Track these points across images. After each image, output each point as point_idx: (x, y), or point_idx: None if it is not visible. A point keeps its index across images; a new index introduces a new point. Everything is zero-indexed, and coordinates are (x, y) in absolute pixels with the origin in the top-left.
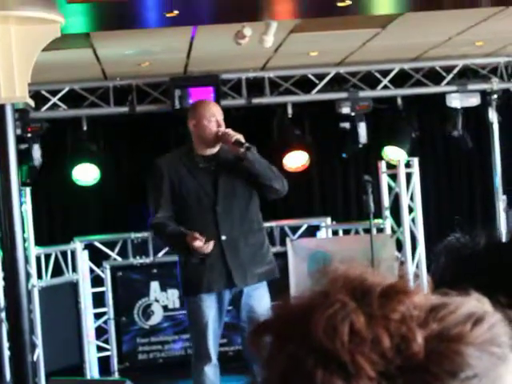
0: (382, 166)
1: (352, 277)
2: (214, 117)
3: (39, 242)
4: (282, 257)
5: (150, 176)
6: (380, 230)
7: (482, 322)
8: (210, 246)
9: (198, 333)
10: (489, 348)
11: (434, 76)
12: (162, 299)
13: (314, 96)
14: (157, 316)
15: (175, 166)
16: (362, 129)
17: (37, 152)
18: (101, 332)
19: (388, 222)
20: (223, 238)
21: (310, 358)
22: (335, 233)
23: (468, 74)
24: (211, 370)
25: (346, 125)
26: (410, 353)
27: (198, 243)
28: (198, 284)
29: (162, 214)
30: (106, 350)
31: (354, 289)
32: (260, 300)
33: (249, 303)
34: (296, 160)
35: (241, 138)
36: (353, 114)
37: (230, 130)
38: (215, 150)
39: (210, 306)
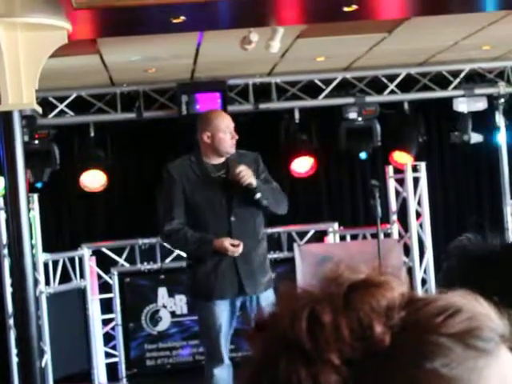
0: (390, 170)
1: (332, 273)
2: (228, 128)
3: (47, 248)
4: (289, 262)
5: (161, 181)
6: (387, 235)
7: (458, 314)
8: (240, 249)
9: (211, 336)
10: (464, 339)
11: (441, 80)
12: (170, 305)
13: (320, 101)
14: (164, 322)
15: (186, 173)
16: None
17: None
18: (109, 338)
19: (395, 227)
20: (235, 255)
21: (276, 347)
22: (343, 238)
23: (475, 79)
24: (224, 371)
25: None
26: (374, 340)
27: (230, 242)
28: (210, 290)
29: (177, 220)
30: (114, 356)
31: (328, 283)
32: (266, 303)
33: (257, 307)
34: (303, 165)
35: (253, 182)
36: (360, 118)
37: (244, 171)
38: (223, 158)
39: (223, 310)
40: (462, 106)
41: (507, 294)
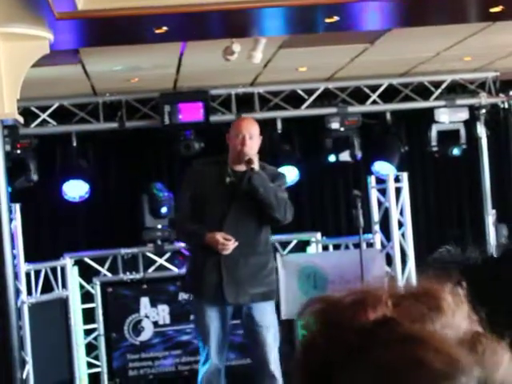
0: (372, 180)
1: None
2: (240, 134)
3: (29, 258)
4: None
5: (145, 190)
6: (370, 245)
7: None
8: (230, 246)
9: (200, 332)
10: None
11: (423, 91)
12: (153, 315)
13: (303, 111)
14: (147, 332)
15: (205, 171)
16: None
17: (32, 168)
18: (91, 348)
19: (378, 237)
20: (224, 253)
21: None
22: (325, 248)
23: (456, 89)
24: (213, 373)
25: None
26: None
27: (219, 237)
28: (197, 288)
29: (183, 212)
30: (97, 366)
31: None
32: (264, 316)
33: (251, 317)
34: (286, 175)
35: (254, 158)
36: (342, 129)
37: (247, 149)
38: (245, 167)
39: (212, 314)
40: (444, 116)
41: (487, 307)
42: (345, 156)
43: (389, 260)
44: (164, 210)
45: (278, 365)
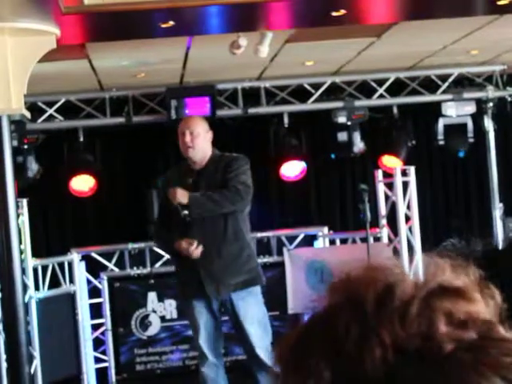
0: (379, 174)
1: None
2: (181, 132)
3: (36, 253)
4: (279, 266)
5: (151, 186)
6: (377, 239)
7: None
8: (197, 251)
9: (194, 333)
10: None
11: (430, 85)
12: (160, 310)
13: (310, 105)
14: (154, 327)
15: (173, 178)
16: (357, 138)
17: (32, 164)
18: (98, 343)
19: (385, 231)
20: (194, 257)
21: (342, 303)
22: (332, 242)
23: (463, 83)
24: (212, 370)
25: (344, 135)
26: (433, 343)
27: (184, 245)
28: (182, 289)
29: (156, 222)
30: (104, 361)
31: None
32: (246, 309)
33: (235, 312)
34: (292, 169)
35: (182, 200)
36: (349, 123)
37: (178, 192)
38: (203, 163)
39: (200, 309)
40: (451, 110)
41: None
42: (352, 150)
43: (396, 254)
44: None
45: (269, 353)
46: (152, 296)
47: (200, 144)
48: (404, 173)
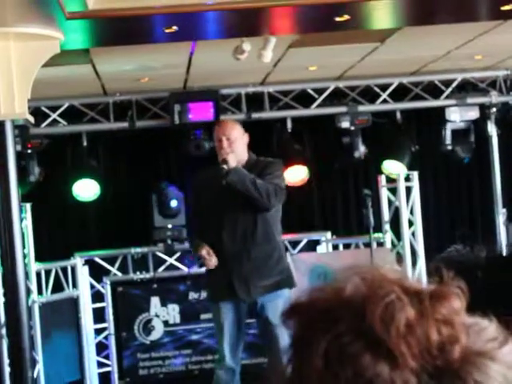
0: (382, 179)
1: (398, 277)
2: (217, 138)
3: (39, 257)
4: None
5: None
6: (380, 244)
7: (507, 344)
8: (211, 262)
9: (216, 335)
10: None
11: (433, 90)
12: (163, 314)
13: (313, 110)
14: (157, 331)
15: (207, 177)
16: (360, 143)
17: (35, 168)
18: (101, 347)
19: (388, 236)
20: (227, 251)
21: (359, 341)
22: (335, 247)
23: (467, 88)
24: (227, 374)
25: (348, 139)
26: (451, 355)
27: (203, 253)
28: (211, 293)
29: (189, 225)
30: (107, 365)
31: (406, 287)
32: (275, 311)
33: (264, 315)
34: (296, 174)
35: (227, 157)
36: (352, 128)
37: (225, 149)
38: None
39: (226, 312)
40: (455, 115)
41: (491, 307)
42: (355, 155)
43: (399, 259)
44: (174, 203)
45: None
46: (155, 300)
47: (238, 148)
48: (407, 178)
